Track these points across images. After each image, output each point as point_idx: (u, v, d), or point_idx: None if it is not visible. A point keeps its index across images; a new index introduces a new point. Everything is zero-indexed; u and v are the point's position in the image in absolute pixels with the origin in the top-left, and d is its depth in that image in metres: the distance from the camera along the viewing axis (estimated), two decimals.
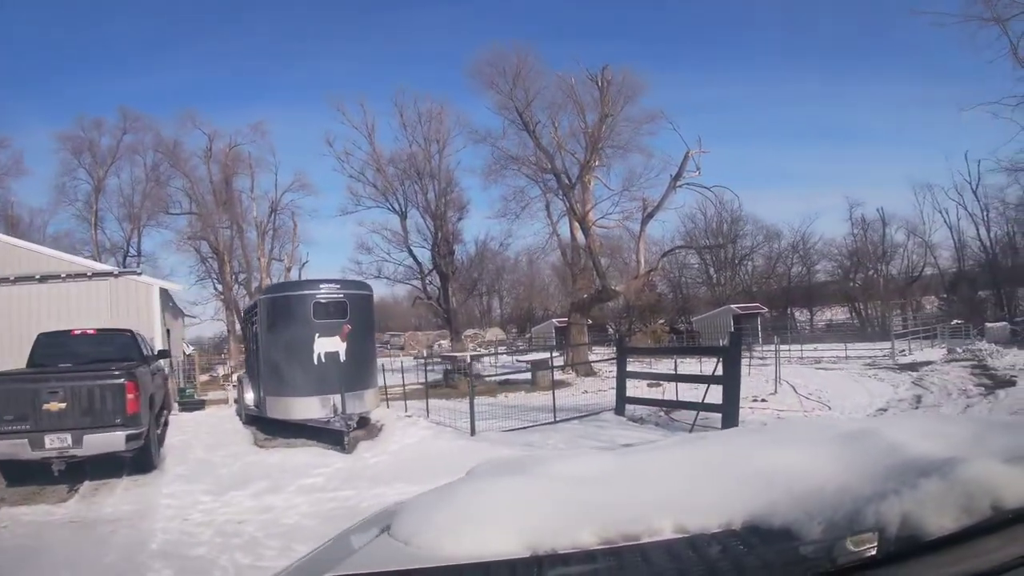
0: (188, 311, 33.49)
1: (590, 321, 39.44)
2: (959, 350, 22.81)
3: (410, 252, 31.17)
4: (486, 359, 27.07)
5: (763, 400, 13.50)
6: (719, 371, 10.19)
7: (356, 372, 11.56)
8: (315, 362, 11.35)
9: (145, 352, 11.11)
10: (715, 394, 10.13)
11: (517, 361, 23.31)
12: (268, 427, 12.12)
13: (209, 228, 38.24)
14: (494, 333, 51.31)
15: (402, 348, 49.90)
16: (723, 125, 77.98)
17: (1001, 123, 24.92)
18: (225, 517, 6.70)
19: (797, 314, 49.02)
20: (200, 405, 16.37)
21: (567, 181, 25.71)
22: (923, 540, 1.01)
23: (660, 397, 12.39)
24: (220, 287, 39.63)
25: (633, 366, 14.61)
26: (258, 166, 40.62)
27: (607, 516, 1.24)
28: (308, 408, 11.30)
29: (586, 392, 16.67)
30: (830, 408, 12.78)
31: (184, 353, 21.23)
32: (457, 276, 31.29)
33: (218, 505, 7.20)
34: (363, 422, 12.24)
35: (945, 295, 43.82)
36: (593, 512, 1.26)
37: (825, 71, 75.63)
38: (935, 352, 23.43)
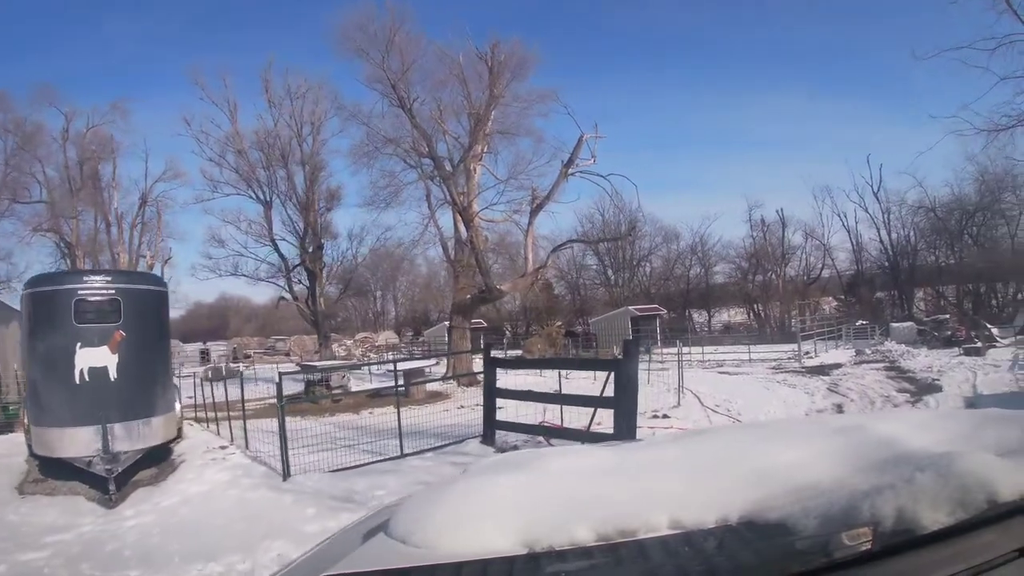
0: None
1: (484, 324, 37.24)
2: (867, 351, 22.40)
3: (275, 246, 27.54)
4: (367, 367, 24.46)
5: (665, 416, 11.59)
6: (611, 389, 7.90)
7: (135, 394, 9.14)
8: (77, 380, 8.81)
9: None
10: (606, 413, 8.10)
11: (388, 371, 20.50)
12: (50, 462, 9.33)
13: (60, 218, 33.27)
14: (386, 336, 48.85)
15: (287, 354, 47.49)
16: (620, 129, 78.22)
17: (971, 75, 22.04)
18: None
19: (696, 315, 49.24)
20: (9, 428, 13.49)
21: (448, 167, 22.92)
22: (918, 534, 1.01)
23: (542, 420, 10.01)
24: None
25: (516, 379, 12.22)
26: (125, 153, 36.74)
27: (604, 512, 1.17)
28: (71, 443, 8.75)
29: (462, 407, 14.24)
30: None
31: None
32: (328, 274, 27.97)
33: None
34: (163, 455, 9.98)
35: (843, 296, 44.57)
36: (590, 508, 1.19)
37: (726, 75, 76.69)
38: (841, 354, 22.78)
